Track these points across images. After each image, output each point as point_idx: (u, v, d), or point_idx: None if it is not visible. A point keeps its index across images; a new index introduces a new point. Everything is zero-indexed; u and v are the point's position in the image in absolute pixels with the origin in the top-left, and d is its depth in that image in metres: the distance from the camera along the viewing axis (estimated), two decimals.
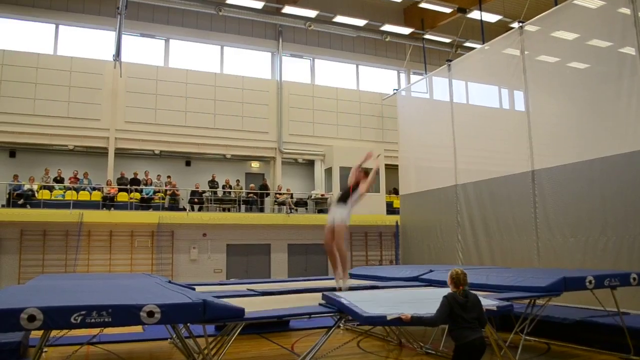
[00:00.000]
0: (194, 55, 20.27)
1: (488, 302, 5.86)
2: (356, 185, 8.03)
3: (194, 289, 7.33)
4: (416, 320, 5.09)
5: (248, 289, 8.68)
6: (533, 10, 14.41)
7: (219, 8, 18.84)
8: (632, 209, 9.70)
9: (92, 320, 4.25)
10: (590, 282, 6.99)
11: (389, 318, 5.21)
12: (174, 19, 19.65)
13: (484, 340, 4.84)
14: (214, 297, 5.62)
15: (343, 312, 5.74)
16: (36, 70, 17.44)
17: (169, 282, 8.81)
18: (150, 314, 4.44)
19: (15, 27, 18.14)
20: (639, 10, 9.89)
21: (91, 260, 16.69)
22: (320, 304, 6.11)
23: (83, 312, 4.22)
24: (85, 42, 18.74)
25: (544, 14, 12.42)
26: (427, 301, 5.68)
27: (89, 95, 17.99)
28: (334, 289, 7.80)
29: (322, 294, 6.27)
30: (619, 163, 10.04)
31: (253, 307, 5.80)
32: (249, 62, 21.09)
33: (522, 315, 7.22)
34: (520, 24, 12.88)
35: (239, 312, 5.09)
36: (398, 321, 5.20)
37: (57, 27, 18.52)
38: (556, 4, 12.66)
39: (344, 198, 8.07)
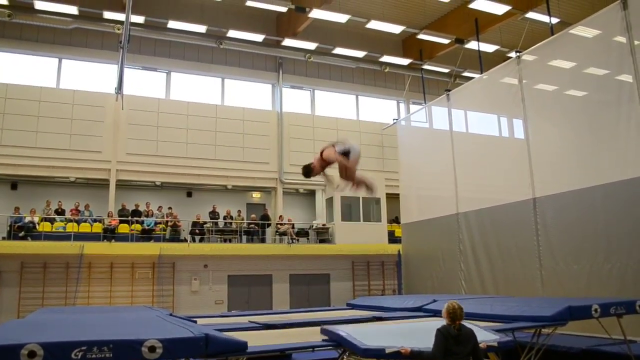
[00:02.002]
0: (195, 87, 20.47)
1: (490, 337, 5.80)
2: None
3: (195, 322, 7.25)
4: (416, 355, 5.02)
5: (250, 321, 8.59)
6: (529, 40, 14.63)
7: (220, 41, 19.11)
8: (635, 235, 9.66)
9: (93, 356, 4.19)
10: (595, 310, 6.93)
11: (387, 351, 5.15)
12: (176, 52, 19.91)
13: None
14: (216, 330, 5.57)
15: (342, 345, 5.67)
16: (39, 103, 17.60)
17: (170, 314, 8.72)
18: (152, 349, 4.38)
19: (19, 61, 18.39)
20: (634, 38, 10.02)
21: (92, 293, 16.54)
22: (323, 340, 6.04)
23: (84, 348, 4.17)
24: (88, 75, 18.96)
25: (540, 43, 12.59)
26: (429, 334, 5.61)
27: (91, 128, 18.11)
28: (336, 321, 7.69)
29: (321, 328, 6.20)
30: (620, 189, 10.04)
31: (256, 340, 5.73)
32: (249, 93, 21.28)
33: (528, 345, 7.12)
34: (518, 54, 13.03)
35: (241, 346, 5.03)
36: (397, 355, 5.13)
37: (60, 61, 18.74)
38: (552, 34, 12.85)
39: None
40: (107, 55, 18.60)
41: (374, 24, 19.23)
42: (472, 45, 19.16)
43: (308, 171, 7.07)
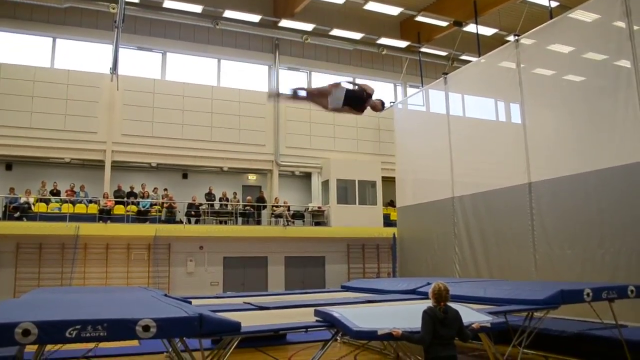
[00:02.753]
0: (191, 68, 20.32)
1: (482, 317, 5.84)
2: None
3: (190, 303, 7.28)
4: (407, 337, 5.07)
5: (245, 303, 8.63)
6: (528, 23, 14.51)
7: (216, 22, 18.93)
8: (629, 221, 9.70)
9: (87, 335, 4.21)
10: (587, 294, 6.97)
11: (379, 333, 5.20)
12: (171, 33, 19.71)
13: (455, 359, 4.85)
14: (211, 310, 5.59)
15: (335, 326, 5.70)
16: (33, 83, 17.46)
17: (165, 295, 8.75)
18: (146, 328, 4.40)
19: (12, 40, 18.18)
20: (633, 23, 9.96)
21: (87, 274, 16.60)
22: (317, 320, 6.07)
23: (78, 327, 4.18)
24: (83, 55, 18.79)
25: (539, 27, 12.50)
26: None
27: (86, 108, 18.00)
28: (331, 303, 7.74)
29: (315, 310, 6.23)
30: (615, 175, 10.05)
31: (250, 320, 5.76)
32: (245, 75, 21.14)
33: (520, 328, 7.18)
34: (516, 37, 12.95)
35: (235, 326, 5.05)
36: (389, 336, 5.19)
37: (54, 41, 18.56)
38: (551, 18, 12.76)
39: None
40: (101, 34, 18.39)
41: (372, 6, 19.10)
42: (471, 28, 19.01)
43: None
